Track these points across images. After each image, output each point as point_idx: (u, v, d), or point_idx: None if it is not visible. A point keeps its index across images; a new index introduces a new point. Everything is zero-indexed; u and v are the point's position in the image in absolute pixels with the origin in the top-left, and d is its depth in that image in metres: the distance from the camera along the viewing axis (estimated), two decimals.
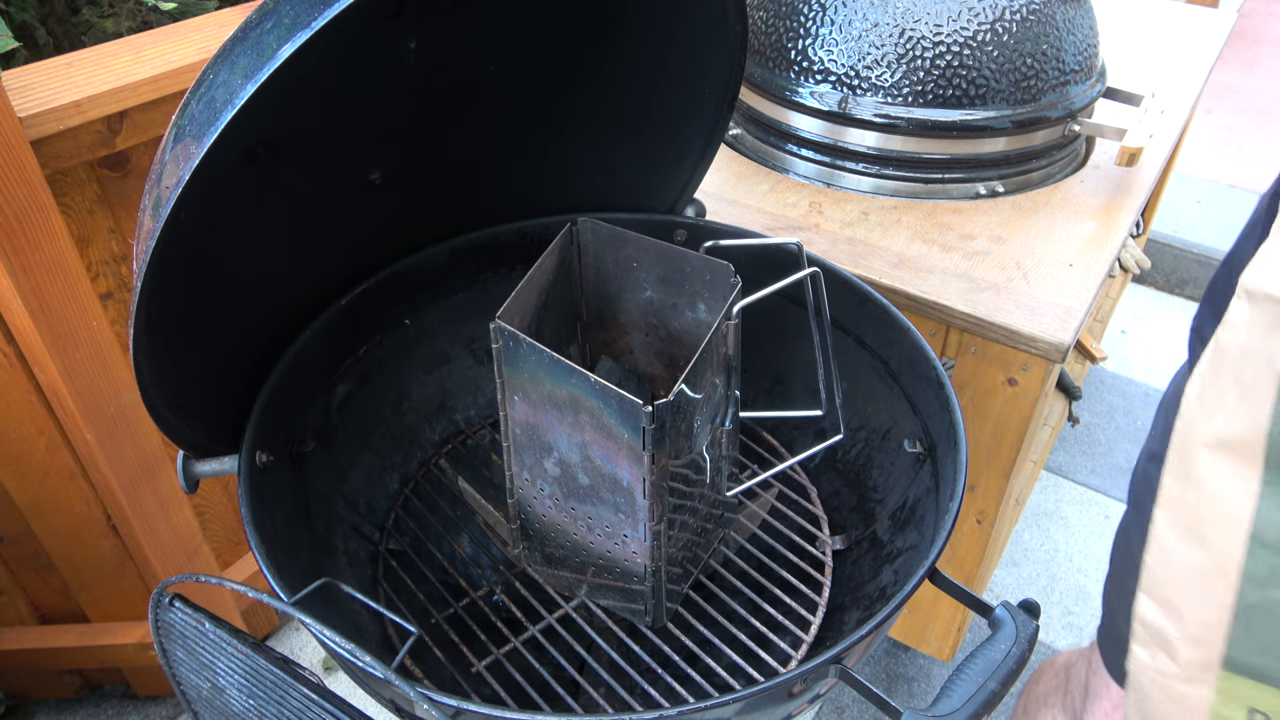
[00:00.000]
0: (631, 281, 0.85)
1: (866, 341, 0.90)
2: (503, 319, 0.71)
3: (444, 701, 0.56)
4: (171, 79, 1.06)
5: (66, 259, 1.03)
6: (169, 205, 0.55)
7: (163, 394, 0.69)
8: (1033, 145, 1.20)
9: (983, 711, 0.61)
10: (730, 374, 0.77)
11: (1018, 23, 1.12)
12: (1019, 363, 1.01)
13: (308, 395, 0.87)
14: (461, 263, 0.98)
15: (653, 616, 0.80)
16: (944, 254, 1.08)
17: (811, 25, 1.16)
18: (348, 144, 0.80)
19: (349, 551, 0.88)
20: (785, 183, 1.24)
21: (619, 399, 0.65)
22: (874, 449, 0.92)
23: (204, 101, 0.56)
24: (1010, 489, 1.13)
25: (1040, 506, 1.86)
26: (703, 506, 0.81)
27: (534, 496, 0.80)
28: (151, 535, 1.26)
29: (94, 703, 1.48)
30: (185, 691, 0.67)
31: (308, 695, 0.60)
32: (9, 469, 1.18)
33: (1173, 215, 2.62)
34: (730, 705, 0.58)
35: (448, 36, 0.77)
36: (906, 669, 1.54)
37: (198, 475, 0.75)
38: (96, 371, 1.10)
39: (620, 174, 0.98)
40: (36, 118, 0.96)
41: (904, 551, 0.81)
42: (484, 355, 1.05)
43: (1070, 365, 1.72)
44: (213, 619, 0.64)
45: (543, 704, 0.77)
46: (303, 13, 0.54)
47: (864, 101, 1.15)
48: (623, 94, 0.91)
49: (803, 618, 0.83)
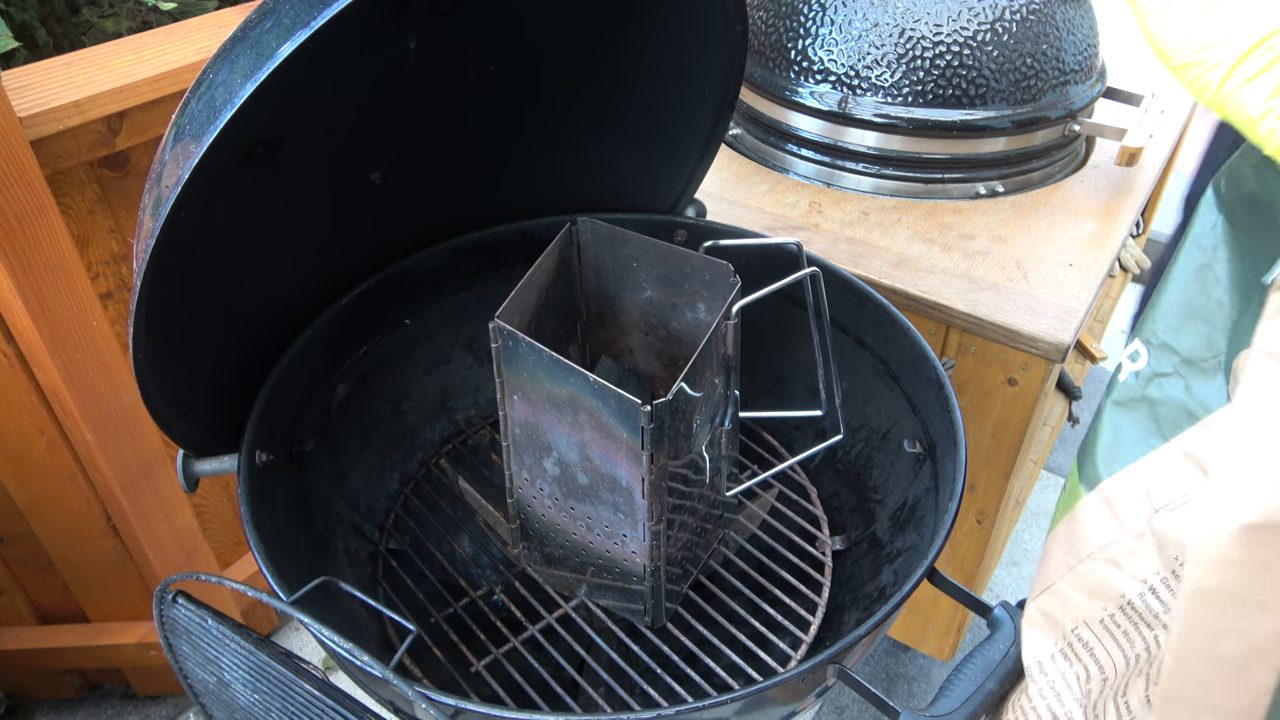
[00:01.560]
0: (631, 281, 0.85)
1: (866, 341, 0.90)
2: (502, 319, 0.71)
3: (443, 701, 0.56)
4: (171, 79, 1.06)
5: (66, 259, 1.03)
6: (169, 205, 0.55)
7: (163, 394, 0.69)
8: (1033, 145, 1.20)
9: (981, 711, 0.61)
10: (730, 374, 0.77)
11: (1018, 23, 1.12)
12: (1019, 363, 1.01)
13: (308, 395, 0.87)
14: (461, 263, 0.98)
15: (652, 616, 0.80)
16: (944, 254, 1.08)
17: (811, 25, 1.16)
18: (348, 144, 0.80)
19: (349, 551, 0.88)
20: (785, 183, 1.24)
21: (618, 398, 0.65)
22: (874, 449, 0.92)
23: (204, 101, 0.56)
24: (1010, 489, 1.13)
25: (1040, 506, 1.86)
26: (702, 506, 0.81)
27: (534, 496, 0.80)
28: (151, 535, 1.26)
29: (94, 703, 1.48)
30: (192, 685, 0.67)
31: (311, 690, 0.60)
32: (9, 469, 1.18)
33: (1173, 215, 2.61)
34: (729, 705, 0.58)
35: (448, 36, 0.77)
36: (906, 669, 1.54)
37: (198, 474, 0.75)
38: (96, 371, 1.10)
39: (620, 174, 0.98)
40: (36, 118, 0.96)
41: (903, 551, 0.81)
42: (484, 355, 1.05)
43: (1070, 365, 1.72)
44: (215, 615, 0.65)
45: (542, 704, 0.77)
46: (303, 12, 0.54)
47: (864, 101, 1.15)
48: (623, 94, 0.91)
49: (802, 618, 0.83)
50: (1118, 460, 0.58)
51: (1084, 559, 0.59)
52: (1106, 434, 0.60)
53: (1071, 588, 0.60)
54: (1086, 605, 0.59)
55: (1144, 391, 0.58)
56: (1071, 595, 0.60)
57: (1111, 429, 0.59)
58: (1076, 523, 0.60)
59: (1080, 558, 0.59)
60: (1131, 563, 0.56)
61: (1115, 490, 0.57)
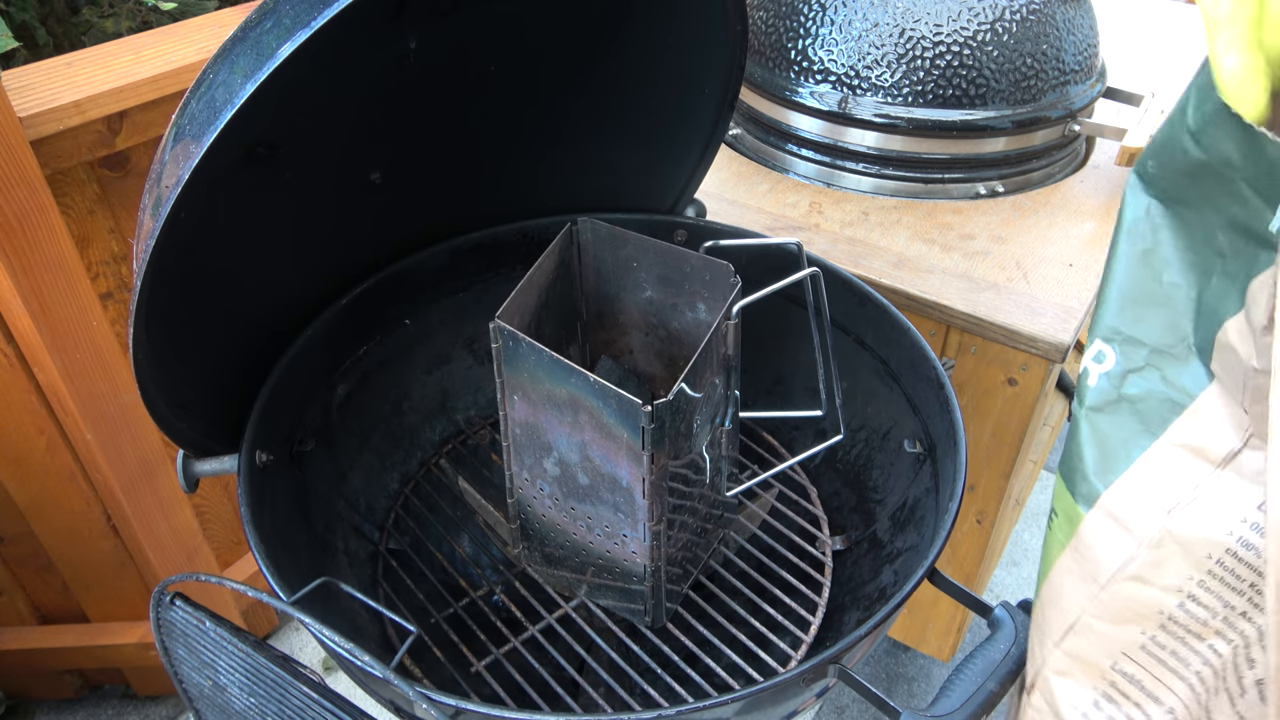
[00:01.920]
0: (631, 281, 0.85)
1: (866, 341, 0.90)
2: (502, 319, 0.71)
3: (443, 701, 0.56)
4: (171, 79, 1.06)
5: (66, 259, 1.03)
6: (169, 205, 0.55)
7: (163, 394, 0.69)
8: (1033, 145, 1.20)
9: (982, 712, 0.61)
10: (730, 374, 0.77)
11: (1018, 23, 1.12)
12: (1019, 363, 1.01)
13: (308, 395, 0.87)
14: (461, 263, 0.98)
15: (652, 616, 0.80)
16: (944, 254, 1.08)
17: (811, 25, 1.16)
18: (348, 144, 0.80)
19: (349, 551, 0.88)
20: (785, 183, 1.24)
21: (618, 399, 0.65)
22: (874, 449, 0.92)
23: (204, 101, 0.56)
24: (1010, 489, 1.13)
25: (1040, 506, 1.86)
26: (702, 506, 0.81)
27: (534, 496, 0.80)
28: (151, 535, 1.26)
29: (94, 703, 1.48)
30: (187, 690, 0.67)
31: (308, 694, 0.60)
32: (9, 469, 1.18)
33: None
34: (729, 705, 0.58)
35: (448, 36, 0.77)
36: (906, 669, 1.54)
37: (198, 474, 0.75)
38: (96, 371, 1.10)
39: (620, 174, 0.98)
40: (36, 118, 0.96)
41: (904, 552, 0.81)
42: (484, 355, 1.05)
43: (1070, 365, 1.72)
44: (213, 617, 0.64)
45: (542, 704, 0.77)
46: (303, 12, 0.54)
47: (864, 101, 1.15)
48: (623, 94, 0.91)
49: (802, 618, 0.83)
50: (1111, 469, 0.55)
51: (1104, 585, 0.54)
52: (1090, 445, 0.56)
53: (1098, 619, 0.55)
54: (1121, 634, 0.54)
55: (1120, 391, 0.55)
56: (1100, 628, 0.55)
57: (1095, 438, 0.56)
58: (1085, 547, 0.56)
59: (1100, 584, 0.55)
60: (1159, 574, 0.52)
61: (1117, 501, 0.54)
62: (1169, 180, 0.54)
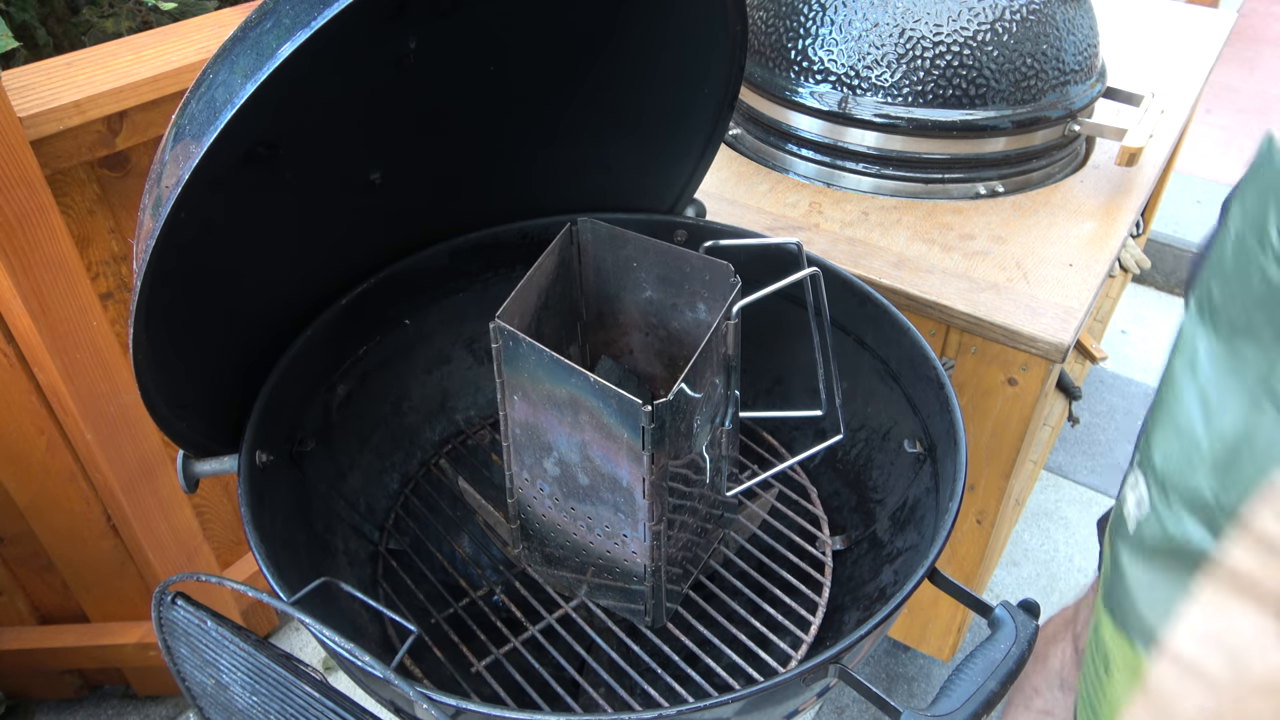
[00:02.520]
0: (631, 281, 0.85)
1: (866, 341, 0.90)
2: (502, 319, 0.71)
3: (443, 701, 0.56)
4: (171, 79, 1.06)
5: (66, 259, 1.03)
6: (169, 205, 0.55)
7: (163, 394, 0.69)
8: (1033, 145, 1.20)
9: (982, 711, 0.61)
10: (730, 374, 0.77)
11: (1018, 23, 1.12)
12: (1019, 363, 1.01)
13: (308, 395, 0.87)
14: (461, 263, 0.98)
15: (652, 616, 0.80)
16: (944, 254, 1.08)
17: (811, 25, 1.16)
18: (348, 144, 0.80)
19: (349, 551, 0.88)
20: (785, 183, 1.24)
21: (618, 399, 0.65)
22: (874, 449, 0.92)
23: (204, 101, 0.56)
24: (1010, 489, 1.13)
25: (1040, 506, 1.86)
26: (702, 506, 0.81)
27: (534, 496, 0.80)
28: (151, 535, 1.26)
29: (94, 703, 1.48)
30: (190, 688, 0.67)
31: (310, 692, 0.60)
32: (9, 469, 1.18)
33: (1173, 215, 2.62)
34: (729, 705, 0.58)
35: (448, 36, 0.77)
36: (906, 669, 1.54)
37: (198, 475, 0.75)
38: (96, 371, 1.10)
39: (620, 174, 0.98)
40: (36, 118, 0.96)
41: (904, 551, 0.81)
42: (484, 355, 1.05)
43: (1070, 365, 1.72)
44: (215, 616, 0.65)
45: (542, 704, 0.77)
46: (303, 12, 0.54)
47: (864, 101, 1.15)
48: (623, 94, 0.91)
49: (802, 618, 0.83)
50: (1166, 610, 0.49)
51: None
52: (1138, 583, 0.51)
53: None
54: None
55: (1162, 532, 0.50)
56: None
57: (1142, 576, 0.51)
58: (1158, 696, 0.51)
59: None
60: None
61: (1185, 647, 0.49)
62: (1235, 310, 0.46)
